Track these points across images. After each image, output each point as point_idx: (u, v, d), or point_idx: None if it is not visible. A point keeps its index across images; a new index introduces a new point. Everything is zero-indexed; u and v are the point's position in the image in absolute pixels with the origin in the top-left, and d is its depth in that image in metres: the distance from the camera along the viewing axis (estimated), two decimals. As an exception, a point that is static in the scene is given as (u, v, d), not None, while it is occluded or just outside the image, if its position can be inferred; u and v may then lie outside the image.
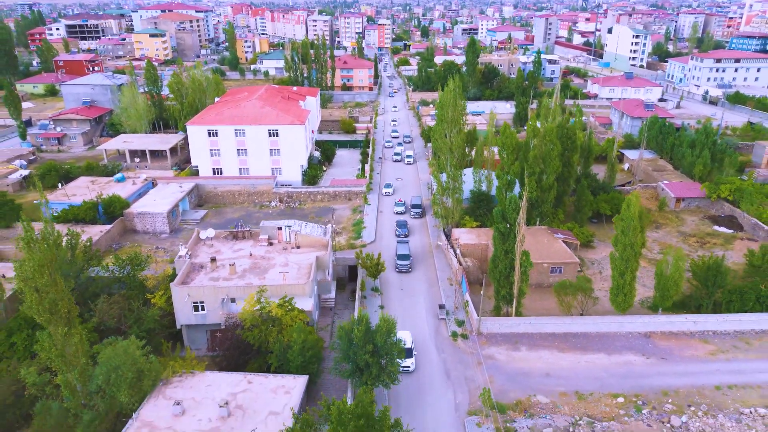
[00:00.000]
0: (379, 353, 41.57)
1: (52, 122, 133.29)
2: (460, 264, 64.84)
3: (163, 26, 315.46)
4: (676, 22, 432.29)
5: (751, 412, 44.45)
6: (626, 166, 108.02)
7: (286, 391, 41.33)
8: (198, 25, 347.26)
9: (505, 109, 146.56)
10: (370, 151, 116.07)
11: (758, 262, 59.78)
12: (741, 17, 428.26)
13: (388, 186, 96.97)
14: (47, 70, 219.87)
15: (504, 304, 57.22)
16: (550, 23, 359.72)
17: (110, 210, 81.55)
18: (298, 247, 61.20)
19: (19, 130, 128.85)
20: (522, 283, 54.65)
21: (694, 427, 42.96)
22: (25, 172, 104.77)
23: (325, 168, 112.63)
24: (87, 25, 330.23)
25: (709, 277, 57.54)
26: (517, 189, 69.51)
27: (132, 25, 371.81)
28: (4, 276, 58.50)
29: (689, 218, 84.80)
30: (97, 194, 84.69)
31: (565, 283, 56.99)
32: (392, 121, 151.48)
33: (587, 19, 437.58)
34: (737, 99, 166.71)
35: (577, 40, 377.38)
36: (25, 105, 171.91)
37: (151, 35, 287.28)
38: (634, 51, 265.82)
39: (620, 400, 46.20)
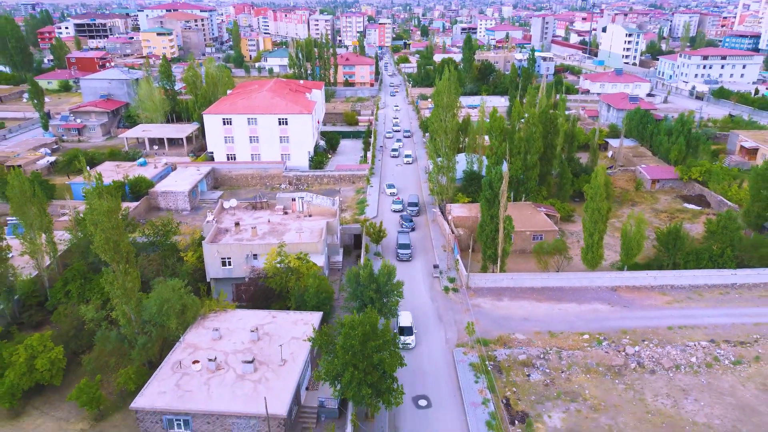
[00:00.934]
0: (381, 291, 49.92)
1: (72, 114, 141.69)
2: (453, 232, 73.22)
3: (168, 25, 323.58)
4: (671, 21, 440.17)
5: (694, 345, 52.81)
6: (610, 153, 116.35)
7: (304, 323, 49.64)
8: (203, 24, 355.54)
9: (500, 103, 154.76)
10: (372, 140, 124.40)
11: (714, 228, 68.10)
12: (735, 17, 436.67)
13: (391, 186, 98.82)
14: (60, 67, 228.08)
15: (490, 263, 65.60)
16: (547, 23, 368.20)
17: (136, 189, 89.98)
18: (310, 216, 69.60)
19: (42, 122, 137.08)
20: (505, 244, 63.03)
21: (644, 354, 51.35)
22: (52, 158, 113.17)
23: (330, 156, 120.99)
24: (95, 24, 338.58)
25: (670, 240, 65.95)
26: (504, 168, 77.80)
27: (138, 24, 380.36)
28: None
29: (663, 197, 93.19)
30: (124, 176, 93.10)
31: (543, 244, 65.47)
32: (394, 117, 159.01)
33: (584, 19, 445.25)
34: (721, 94, 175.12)
35: (574, 39, 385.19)
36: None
37: (159, 33, 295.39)
38: (627, 49, 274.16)
39: (585, 336, 54.57)
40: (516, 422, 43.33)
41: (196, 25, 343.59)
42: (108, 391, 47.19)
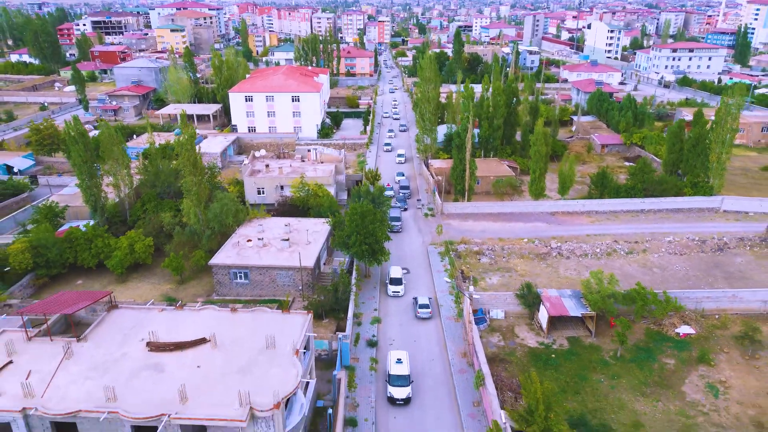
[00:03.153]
0: (375, 201, 70.22)
1: (108, 97, 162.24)
2: (434, 178, 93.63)
3: (179, 22, 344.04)
4: (657, 20, 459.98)
5: (601, 243, 73.19)
6: (574, 127, 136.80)
7: (321, 224, 69.92)
8: (211, 22, 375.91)
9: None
10: (371, 118, 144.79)
11: (633, 171, 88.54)
12: (719, 15, 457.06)
13: (388, 145, 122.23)
14: (85, 60, 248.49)
15: (459, 196, 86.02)
16: (538, 21, 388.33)
17: (175, 152, 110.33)
18: (322, 162, 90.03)
19: (83, 103, 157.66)
20: (471, 181, 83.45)
21: (564, 248, 71.75)
22: (95, 132, 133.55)
23: (335, 130, 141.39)
24: (110, 21, 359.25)
25: (599, 180, 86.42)
26: (476, 132, 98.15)
27: (149, 22, 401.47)
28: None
29: (609, 158, 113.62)
30: (166, 140, 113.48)
31: (499, 181, 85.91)
32: (393, 112, 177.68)
33: (574, 17, 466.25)
34: (685, 82, 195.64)
35: (565, 36, 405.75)
36: (69, 89, 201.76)
37: (172, 30, 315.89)
38: (610, 44, 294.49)
39: (524, 240, 74.95)
40: (466, 281, 63.68)
41: (206, 22, 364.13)
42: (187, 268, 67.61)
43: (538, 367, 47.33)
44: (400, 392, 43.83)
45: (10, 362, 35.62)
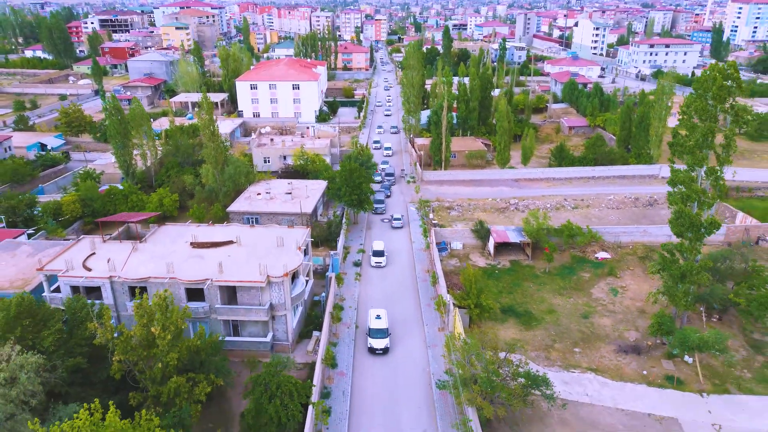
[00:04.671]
0: (363, 165, 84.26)
1: (123, 88, 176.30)
2: (417, 152, 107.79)
3: (183, 20, 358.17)
4: (646, 18, 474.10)
5: (553, 201, 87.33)
6: (548, 112, 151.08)
7: (318, 183, 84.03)
8: (213, 20, 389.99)
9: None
10: (365, 106, 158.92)
11: (587, 144, 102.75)
12: (705, 14, 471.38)
13: (380, 126, 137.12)
14: (95, 55, 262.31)
15: (438, 167, 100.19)
16: (529, 19, 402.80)
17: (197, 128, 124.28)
18: (319, 138, 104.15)
19: (100, 93, 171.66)
20: (446, 152, 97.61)
21: (521, 204, 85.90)
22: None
23: (331, 117, 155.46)
24: (117, 19, 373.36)
25: (557, 152, 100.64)
26: (455, 115, 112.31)
27: (153, 20, 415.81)
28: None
29: (575, 138, 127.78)
30: (181, 123, 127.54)
31: (472, 153, 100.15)
32: (385, 88, 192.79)
33: (565, 16, 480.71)
34: (658, 75, 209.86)
35: (557, 34, 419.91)
36: (82, 82, 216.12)
37: (177, 28, 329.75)
38: (595, 41, 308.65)
39: (489, 199, 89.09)
40: (436, 226, 77.83)
41: (209, 21, 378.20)
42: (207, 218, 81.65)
43: (484, 278, 61.53)
44: (379, 343, 48.92)
45: (93, 254, 49.79)
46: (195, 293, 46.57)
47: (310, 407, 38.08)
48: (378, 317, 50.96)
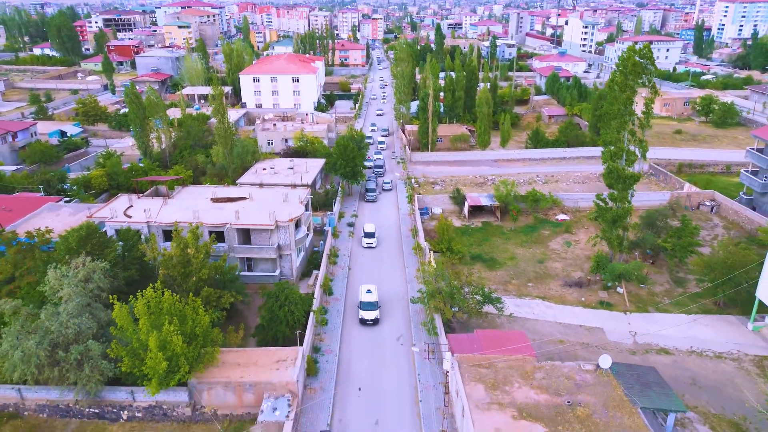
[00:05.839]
0: (358, 145, 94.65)
1: (131, 83, 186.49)
2: (406, 137, 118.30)
3: (185, 20, 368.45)
4: (636, 17, 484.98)
5: (526, 177, 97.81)
6: (531, 104, 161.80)
7: (317, 162, 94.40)
8: (214, 20, 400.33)
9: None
10: (360, 98, 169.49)
11: (561, 128, 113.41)
12: (695, 13, 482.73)
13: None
14: (102, 53, 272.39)
15: (425, 149, 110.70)
16: (522, 18, 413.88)
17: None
18: (318, 123, 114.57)
19: (110, 87, 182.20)
20: (433, 135, 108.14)
21: (497, 179, 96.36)
22: (125, 109, 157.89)
23: (329, 108, 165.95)
24: (120, 18, 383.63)
25: (533, 136, 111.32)
26: (441, 105, 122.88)
27: (155, 20, 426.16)
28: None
29: (554, 126, 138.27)
30: (189, 113, 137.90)
31: (456, 137, 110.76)
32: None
33: (558, 15, 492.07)
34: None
35: (549, 32, 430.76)
36: (91, 78, 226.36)
37: (179, 27, 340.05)
38: (584, 39, 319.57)
39: (470, 176, 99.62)
40: (419, 192, 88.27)
41: (209, 20, 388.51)
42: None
43: (459, 234, 72.02)
44: (369, 315, 52.46)
45: (131, 206, 60.22)
46: (217, 236, 57.01)
47: (311, 313, 48.61)
48: (369, 291, 54.23)
